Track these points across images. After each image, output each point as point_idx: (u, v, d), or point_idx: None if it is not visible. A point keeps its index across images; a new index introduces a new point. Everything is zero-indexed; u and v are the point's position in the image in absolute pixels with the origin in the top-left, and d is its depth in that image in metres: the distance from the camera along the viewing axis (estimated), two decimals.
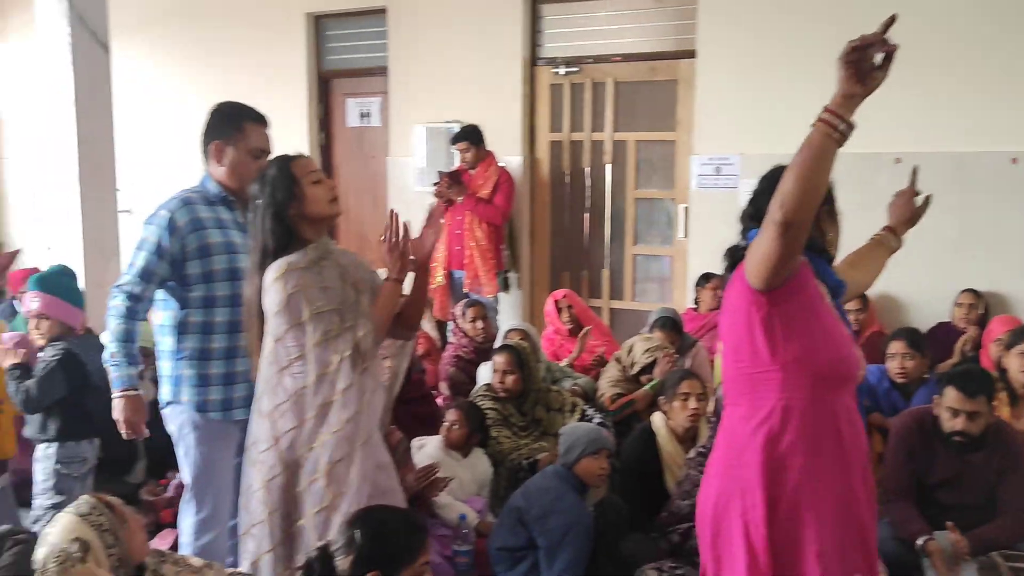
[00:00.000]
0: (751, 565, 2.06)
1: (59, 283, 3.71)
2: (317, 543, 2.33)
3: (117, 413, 2.83)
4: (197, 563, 2.54)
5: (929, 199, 2.59)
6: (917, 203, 2.58)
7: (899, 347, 4.13)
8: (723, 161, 5.75)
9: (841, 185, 2.16)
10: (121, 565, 2.22)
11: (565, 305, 5.30)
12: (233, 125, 2.91)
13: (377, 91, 7.09)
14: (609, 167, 6.35)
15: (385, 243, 2.57)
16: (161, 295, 2.89)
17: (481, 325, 4.99)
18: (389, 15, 6.84)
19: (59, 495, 3.46)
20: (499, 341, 4.59)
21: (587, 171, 6.42)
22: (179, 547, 3.03)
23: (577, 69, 6.34)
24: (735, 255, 2.18)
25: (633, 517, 3.46)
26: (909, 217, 2.58)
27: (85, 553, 2.15)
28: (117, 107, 5.40)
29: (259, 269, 2.53)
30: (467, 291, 5.92)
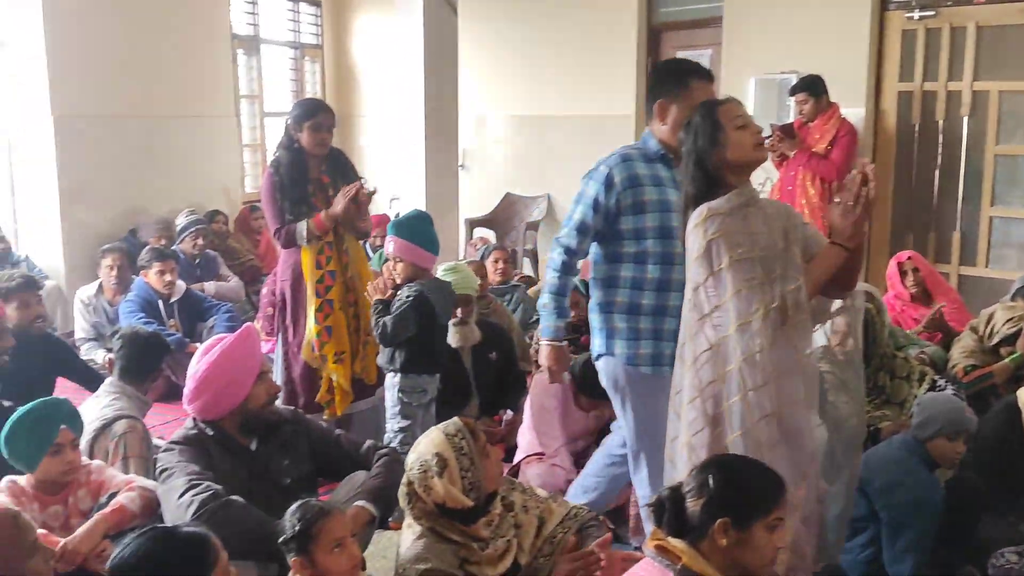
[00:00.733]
0: None
1: (414, 228, 3.94)
2: None
3: (541, 359, 2.99)
4: (543, 494, 2.68)
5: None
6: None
7: None
8: None
9: None
10: (473, 489, 2.39)
11: (910, 268, 4.94)
12: (679, 82, 2.87)
13: (708, 43, 6.97)
14: (966, 120, 5.95)
15: (839, 206, 2.45)
16: (595, 248, 2.98)
17: None
18: None
19: (405, 419, 3.76)
20: None
21: (940, 124, 6.04)
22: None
23: (933, 13, 5.96)
24: None
25: (990, 498, 3.22)
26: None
27: (443, 469, 2.36)
28: (462, 68, 5.73)
29: (683, 215, 2.50)
30: None
